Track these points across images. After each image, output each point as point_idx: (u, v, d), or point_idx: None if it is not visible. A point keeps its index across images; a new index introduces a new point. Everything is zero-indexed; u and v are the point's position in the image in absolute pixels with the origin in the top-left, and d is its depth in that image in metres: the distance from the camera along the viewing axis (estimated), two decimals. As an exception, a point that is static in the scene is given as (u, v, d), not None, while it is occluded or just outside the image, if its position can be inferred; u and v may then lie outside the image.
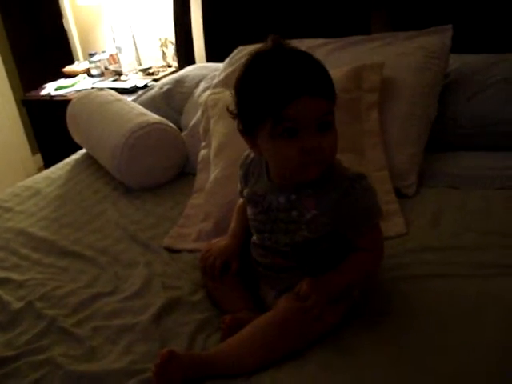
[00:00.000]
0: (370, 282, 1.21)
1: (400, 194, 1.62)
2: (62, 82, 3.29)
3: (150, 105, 2.31)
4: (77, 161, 2.29)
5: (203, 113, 1.98)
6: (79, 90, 2.99)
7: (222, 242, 1.33)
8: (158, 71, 3.16)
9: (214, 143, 1.81)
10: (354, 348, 1.05)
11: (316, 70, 1.04)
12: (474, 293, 1.17)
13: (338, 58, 1.97)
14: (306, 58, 1.04)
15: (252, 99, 1.05)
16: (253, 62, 1.06)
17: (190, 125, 2.10)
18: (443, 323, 1.09)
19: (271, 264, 1.20)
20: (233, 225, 1.36)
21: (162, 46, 3.21)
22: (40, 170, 3.04)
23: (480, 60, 1.99)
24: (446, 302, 1.15)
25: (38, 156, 3.61)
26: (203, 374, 1.03)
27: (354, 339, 1.07)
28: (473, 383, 0.95)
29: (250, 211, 1.24)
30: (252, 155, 1.25)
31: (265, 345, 1.04)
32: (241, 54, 2.23)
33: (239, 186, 1.31)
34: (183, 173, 2.02)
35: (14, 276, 1.48)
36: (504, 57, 1.96)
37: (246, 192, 1.25)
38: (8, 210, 1.90)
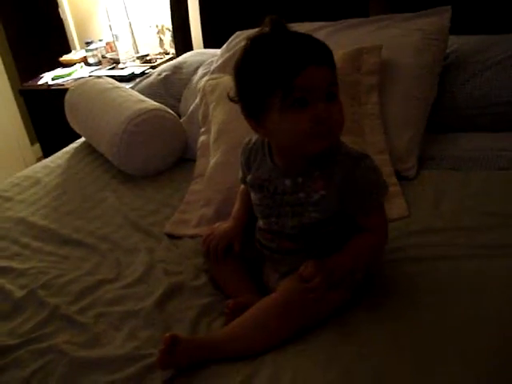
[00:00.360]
0: (374, 263, 1.22)
1: (401, 177, 1.62)
2: (59, 71, 3.26)
3: (148, 92, 2.31)
4: (76, 149, 2.28)
5: (202, 99, 1.97)
6: (77, 79, 2.97)
7: (224, 224, 1.33)
8: (156, 58, 3.14)
9: (214, 129, 1.80)
10: (357, 330, 1.05)
11: (319, 42, 1.06)
12: (474, 273, 1.17)
13: (337, 40, 1.94)
14: (307, 34, 1.07)
15: (260, 73, 1.04)
16: (256, 40, 1.07)
17: (189, 111, 2.10)
18: (444, 302, 1.09)
19: (278, 248, 1.20)
20: (236, 207, 1.36)
21: (159, 32, 3.19)
22: (39, 160, 3.02)
23: (479, 41, 1.98)
24: (447, 283, 1.15)
25: (37, 146, 3.60)
26: (207, 358, 1.04)
27: (357, 321, 1.08)
28: (472, 354, 0.96)
29: (254, 197, 1.23)
30: (253, 140, 1.25)
31: (268, 327, 1.04)
32: (238, 39, 2.22)
33: (240, 172, 1.31)
34: (182, 159, 2.02)
35: (16, 265, 1.48)
36: (503, 37, 1.94)
37: (249, 178, 1.24)
38: (8, 199, 1.89)
